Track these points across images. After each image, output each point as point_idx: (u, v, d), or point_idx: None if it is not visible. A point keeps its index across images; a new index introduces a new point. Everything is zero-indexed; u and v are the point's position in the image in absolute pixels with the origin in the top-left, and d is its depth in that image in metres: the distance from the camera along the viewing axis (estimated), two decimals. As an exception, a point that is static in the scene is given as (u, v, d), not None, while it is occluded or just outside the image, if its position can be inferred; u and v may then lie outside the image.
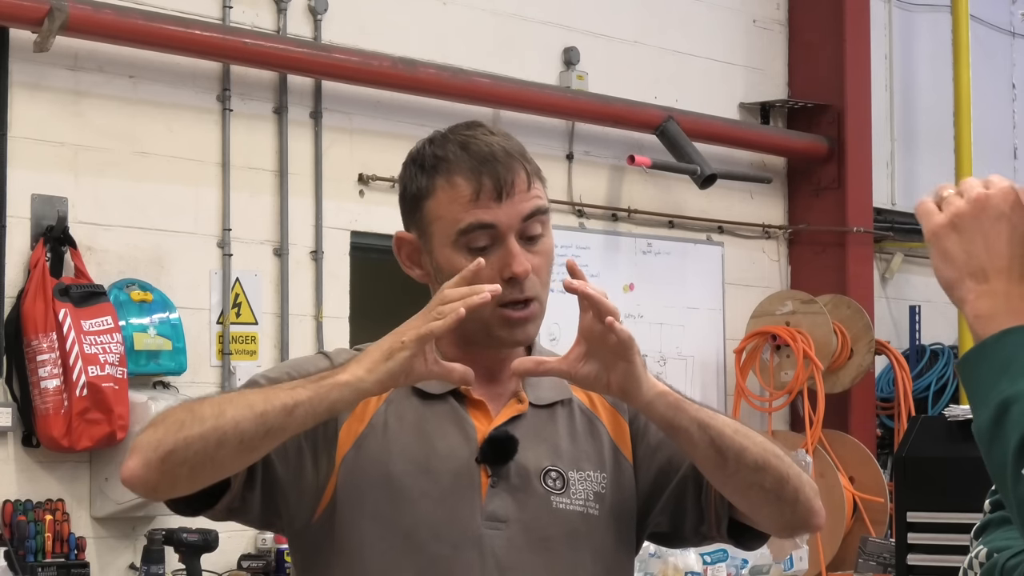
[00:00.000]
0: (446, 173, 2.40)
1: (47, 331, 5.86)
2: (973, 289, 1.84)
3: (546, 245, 2.43)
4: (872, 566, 7.47)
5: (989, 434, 1.76)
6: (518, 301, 2.38)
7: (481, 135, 2.44)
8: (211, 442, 2.22)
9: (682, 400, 2.33)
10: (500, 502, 2.39)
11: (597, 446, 2.48)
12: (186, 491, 2.31)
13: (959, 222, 1.86)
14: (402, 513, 2.37)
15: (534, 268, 2.40)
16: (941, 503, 6.13)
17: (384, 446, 2.39)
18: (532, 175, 2.42)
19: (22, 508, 5.87)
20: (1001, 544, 1.99)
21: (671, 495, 2.49)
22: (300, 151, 6.88)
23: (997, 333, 1.80)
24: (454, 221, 2.38)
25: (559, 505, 2.42)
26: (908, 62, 9.81)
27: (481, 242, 2.38)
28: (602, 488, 2.46)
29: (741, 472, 2.34)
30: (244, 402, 2.25)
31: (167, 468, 2.25)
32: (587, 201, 7.98)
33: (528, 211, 2.39)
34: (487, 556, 2.37)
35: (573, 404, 2.51)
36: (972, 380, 1.81)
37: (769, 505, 2.39)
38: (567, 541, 2.41)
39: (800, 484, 2.40)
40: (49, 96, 6.14)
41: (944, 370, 9.23)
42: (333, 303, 6.95)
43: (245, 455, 2.26)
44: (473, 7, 7.58)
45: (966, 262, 1.85)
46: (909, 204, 9.69)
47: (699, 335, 8.44)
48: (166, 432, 2.26)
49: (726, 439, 2.33)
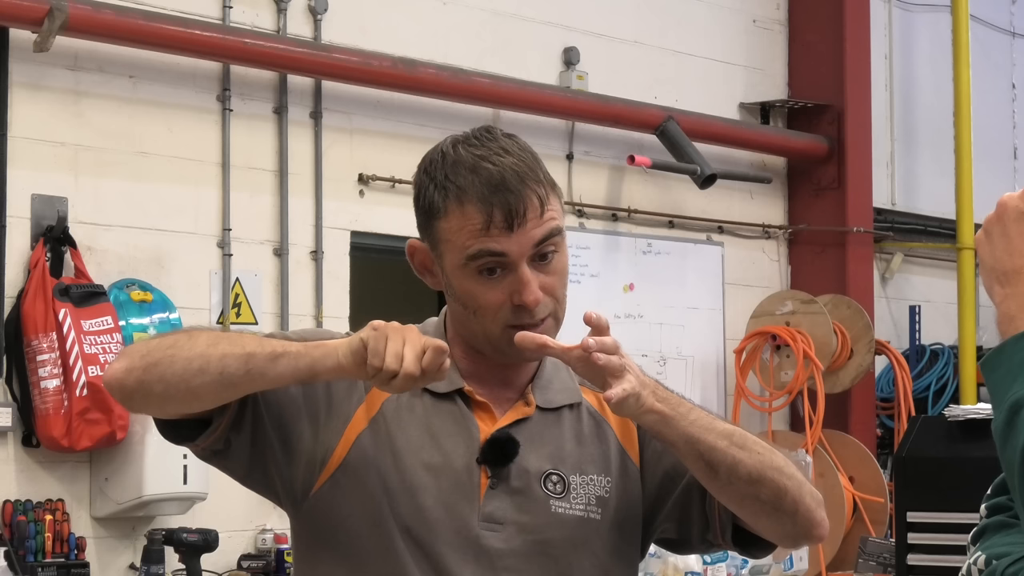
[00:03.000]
0: (457, 199, 2.35)
1: (47, 331, 5.86)
2: (999, 292, 1.85)
3: (560, 263, 2.40)
4: (872, 566, 7.47)
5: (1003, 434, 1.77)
6: (527, 326, 2.36)
7: (494, 155, 2.36)
8: (193, 367, 2.25)
9: (672, 416, 2.31)
10: (498, 504, 2.39)
11: (604, 450, 2.48)
12: (156, 412, 2.34)
13: (988, 228, 1.88)
14: (401, 505, 2.37)
15: (547, 288, 2.37)
16: (941, 503, 6.13)
17: (391, 435, 2.40)
18: (545, 197, 2.37)
19: (22, 508, 5.87)
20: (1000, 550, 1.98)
21: (676, 502, 2.48)
22: (300, 151, 6.88)
23: (1016, 335, 1.81)
24: (463, 247, 2.35)
25: (558, 509, 2.41)
26: (908, 62, 9.81)
27: (490, 267, 2.35)
28: (606, 492, 2.45)
29: (734, 484, 2.34)
30: (236, 341, 2.28)
31: (146, 379, 2.28)
32: (587, 201, 7.98)
33: (540, 237, 2.36)
34: (482, 557, 2.37)
35: (582, 407, 2.50)
36: (991, 381, 1.83)
37: (767, 516, 2.38)
38: (565, 545, 2.41)
39: (800, 496, 2.38)
40: (49, 96, 6.14)
41: (944, 370, 9.23)
42: (333, 303, 6.95)
43: (221, 390, 2.28)
44: (473, 7, 7.58)
45: (993, 266, 1.86)
46: (909, 204, 9.69)
47: (699, 335, 8.44)
48: (159, 345, 2.30)
49: (717, 454, 2.32)
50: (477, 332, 2.40)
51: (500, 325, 2.35)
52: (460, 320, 2.44)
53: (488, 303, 2.35)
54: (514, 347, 2.34)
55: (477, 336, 2.41)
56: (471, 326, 2.41)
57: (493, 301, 2.34)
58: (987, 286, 1.88)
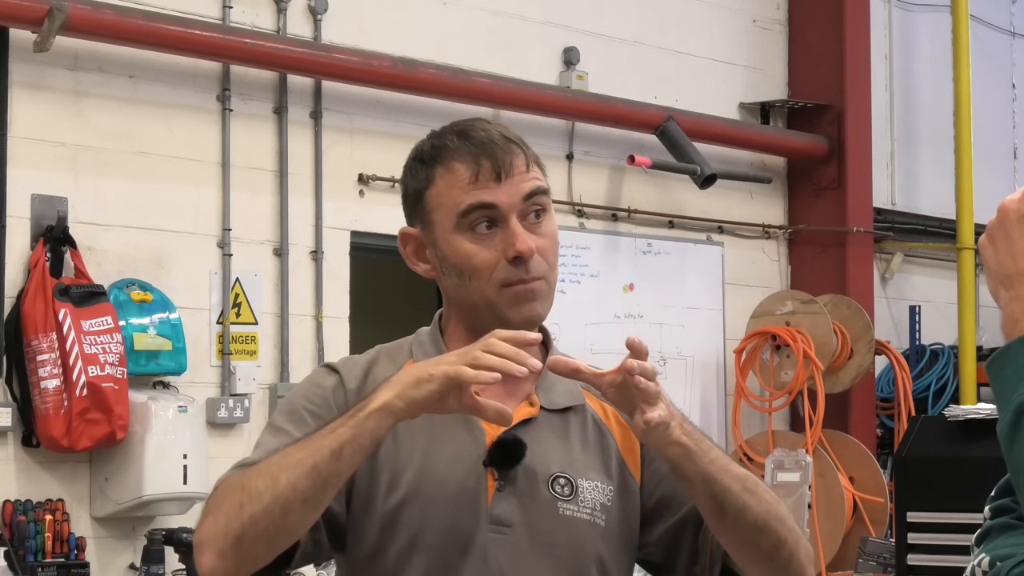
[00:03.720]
0: (445, 160, 2.40)
1: (47, 331, 5.86)
2: (1004, 295, 1.85)
3: (550, 228, 2.43)
4: (872, 566, 7.47)
5: (1009, 435, 1.77)
6: (524, 280, 2.37)
7: (480, 125, 2.44)
8: (276, 513, 2.22)
9: (695, 452, 2.30)
10: (506, 506, 2.38)
11: (605, 459, 2.47)
12: (265, 562, 2.30)
13: (990, 232, 1.88)
14: (408, 515, 2.36)
15: (539, 249, 2.39)
16: (941, 503, 6.13)
17: (393, 449, 2.39)
18: (531, 160, 2.43)
19: (22, 508, 5.87)
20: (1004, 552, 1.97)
21: (670, 528, 2.47)
22: (300, 151, 6.88)
23: (1021, 336, 1.80)
24: (454, 205, 2.38)
25: (566, 512, 2.40)
26: (908, 62, 9.81)
27: (483, 223, 2.38)
28: (608, 500, 2.44)
29: (739, 529, 2.34)
30: (292, 461, 2.23)
31: (242, 551, 2.24)
32: (587, 201, 7.98)
33: (528, 190, 2.39)
34: (491, 560, 2.37)
35: (586, 412, 2.49)
36: (996, 383, 1.83)
37: (760, 564, 2.38)
38: (572, 548, 2.40)
39: (796, 550, 2.39)
40: (49, 96, 6.14)
41: (944, 370, 9.23)
42: (333, 303, 6.94)
43: (311, 512, 2.26)
44: (473, 7, 7.58)
45: (996, 270, 1.86)
46: (909, 204, 9.70)
47: (699, 335, 8.44)
48: (228, 518, 2.25)
49: (730, 496, 2.32)
50: (476, 300, 2.39)
51: (496, 285, 2.36)
52: (457, 296, 2.43)
53: (483, 263, 2.36)
54: (513, 306, 2.37)
55: (477, 306, 2.39)
56: (469, 295, 2.40)
57: (487, 260, 2.36)
58: (992, 290, 1.87)
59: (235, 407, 6.53)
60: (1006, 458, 1.79)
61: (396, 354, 2.49)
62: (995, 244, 1.87)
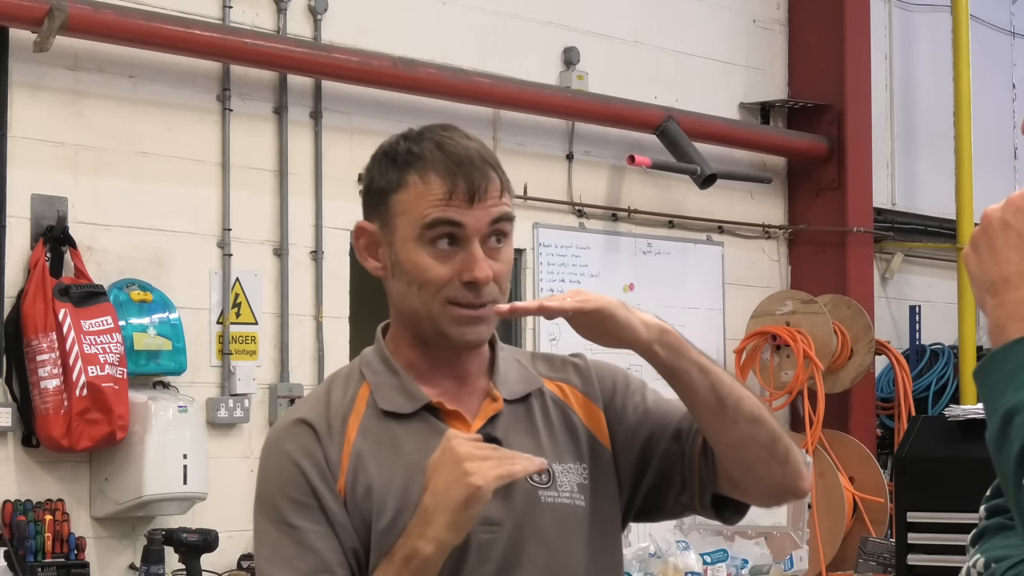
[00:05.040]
0: (420, 170, 2.40)
1: (47, 331, 5.86)
2: (989, 303, 1.85)
3: (507, 254, 2.44)
4: (872, 566, 7.47)
5: (997, 443, 1.77)
6: (472, 305, 2.39)
7: (458, 138, 2.44)
8: None
9: (683, 341, 2.40)
10: (491, 506, 2.37)
11: (574, 438, 2.49)
12: None
13: (974, 241, 1.88)
14: (400, 533, 2.35)
15: (495, 275, 2.40)
16: (941, 503, 6.14)
17: (367, 475, 2.38)
18: (504, 185, 2.43)
19: (22, 508, 5.87)
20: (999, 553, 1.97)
21: (656, 468, 2.49)
22: (300, 151, 6.88)
23: (1007, 343, 1.80)
24: (421, 217, 2.38)
25: (547, 499, 2.42)
26: (908, 62, 9.82)
27: (445, 240, 2.38)
28: (584, 479, 2.46)
29: (739, 423, 2.38)
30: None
31: None
32: (587, 201, 7.98)
33: (496, 215, 2.39)
34: (487, 560, 2.38)
35: (545, 396, 2.51)
36: (983, 391, 1.82)
37: (762, 463, 2.41)
38: (559, 533, 2.42)
39: (789, 444, 2.46)
40: (49, 96, 6.14)
41: (944, 370, 9.23)
42: (333, 303, 6.95)
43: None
44: (473, 7, 7.58)
45: (981, 279, 1.86)
46: (909, 204, 9.70)
47: (699, 335, 8.44)
48: None
49: (725, 386, 2.38)
50: (418, 309, 2.40)
51: (442, 301, 2.37)
52: (401, 302, 2.43)
53: (435, 277, 2.37)
54: (456, 326, 2.38)
55: (418, 315, 2.40)
56: (412, 303, 2.41)
57: (441, 275, 2.37)
58: (978, 299, 1.87)
59: (235, 407, 6.53)
60: (995, 465, 1.79)
61: (348, 380, 2.47)
62: (979, 253, 1.87)
